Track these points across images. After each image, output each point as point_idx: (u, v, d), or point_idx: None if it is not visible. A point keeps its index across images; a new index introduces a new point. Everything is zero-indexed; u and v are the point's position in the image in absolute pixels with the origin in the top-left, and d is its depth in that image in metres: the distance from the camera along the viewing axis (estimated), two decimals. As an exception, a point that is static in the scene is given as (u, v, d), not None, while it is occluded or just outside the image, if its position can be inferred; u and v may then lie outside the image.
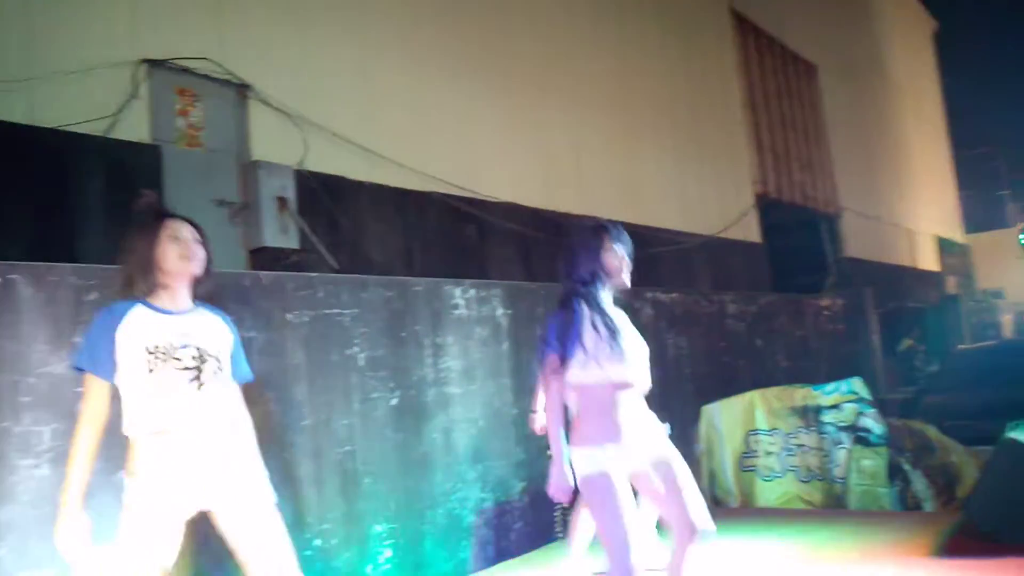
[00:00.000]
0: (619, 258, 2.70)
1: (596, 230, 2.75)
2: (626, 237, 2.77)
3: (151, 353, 2.32)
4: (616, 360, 2.55)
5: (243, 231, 5.48)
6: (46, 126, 4.47)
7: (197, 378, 2.36)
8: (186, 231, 2.44)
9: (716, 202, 11.33)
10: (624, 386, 2.56)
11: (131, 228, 2.49)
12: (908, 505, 5.02)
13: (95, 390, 2.32)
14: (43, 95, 4.50)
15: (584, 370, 2.54)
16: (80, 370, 2.34)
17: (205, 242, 2.49)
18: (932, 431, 5.56)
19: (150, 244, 2.38)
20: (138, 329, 2.34)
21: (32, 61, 4.50)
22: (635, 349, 2.64)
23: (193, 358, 2.38)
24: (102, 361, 2.31)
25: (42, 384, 2.94)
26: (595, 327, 2.56)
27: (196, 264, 2.42)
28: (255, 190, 5.42)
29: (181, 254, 2.39)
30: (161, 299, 2.41)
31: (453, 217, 6.92)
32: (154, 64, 5.04)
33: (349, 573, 3.82)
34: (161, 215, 2.48)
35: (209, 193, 5.36)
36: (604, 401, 2.54)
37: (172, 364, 2.34)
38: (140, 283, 2.39)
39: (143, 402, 2.32)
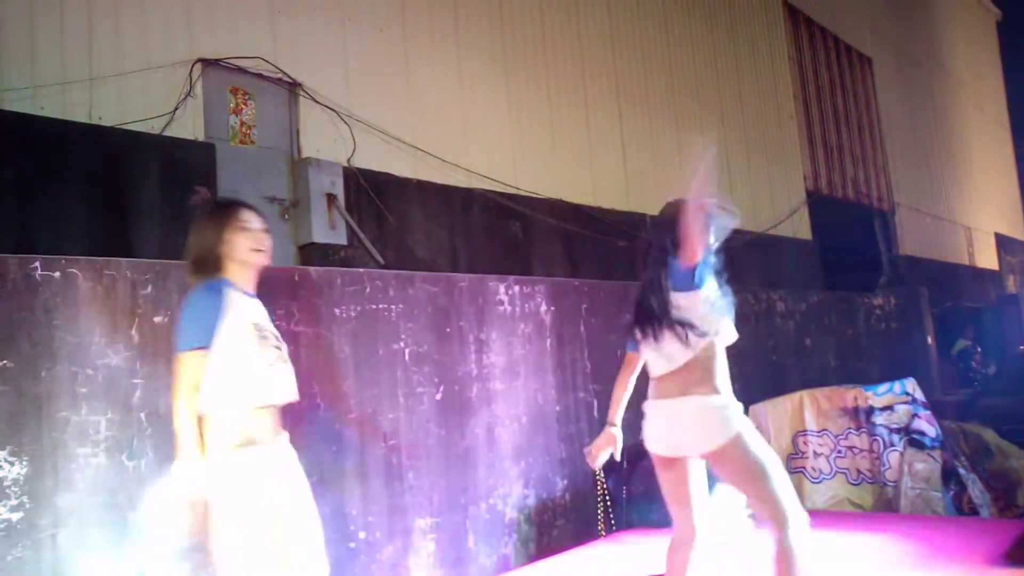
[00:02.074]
0: None
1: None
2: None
3: (258, 331, 2.41)
4: None
5: (293, 227, 5.58)
6: (106, 124, 4.61)
7: (281, 357, 2.47)
8: (257, 221, 2.51)
9: (766, 198, 11.13)
10: None
11: (203, 214, 2.54)
12: (963, 511, 4.87)
13: (202, 364, 2.34)
14: (103, 94, 4.64)
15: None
16: (195, 348, 2.36)
17: (268, 232, 2.59)
18: (989, 435, 5.38)
19: (223, 231, 2.44)
20: (239, 307, 2.41)
21: (93, 61, 4.64)
22: None
23: (276, 338, 2.50)
24: (211, 337, 2.37)
25: (99, 375, 3.04)
26: None
27: (267, 255, 2.52)
28: (305, 187, 5.51)
29: (254, 245, 2.47)
30: (238, 282, 2.48)
31: (497, 214, 6.94)
32: (209, 63, 5.16)
33: (392, 566, 3.87)
34: (234, 204, 2.55)
35: (260, 190, 5.46)
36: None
37: (270, 342, 2.44)
38: (211, 267, 2.44)
39: (251, 376, 2.37)
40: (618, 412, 2.94)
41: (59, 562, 2.86)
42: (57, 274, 3.00)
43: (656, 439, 2.76)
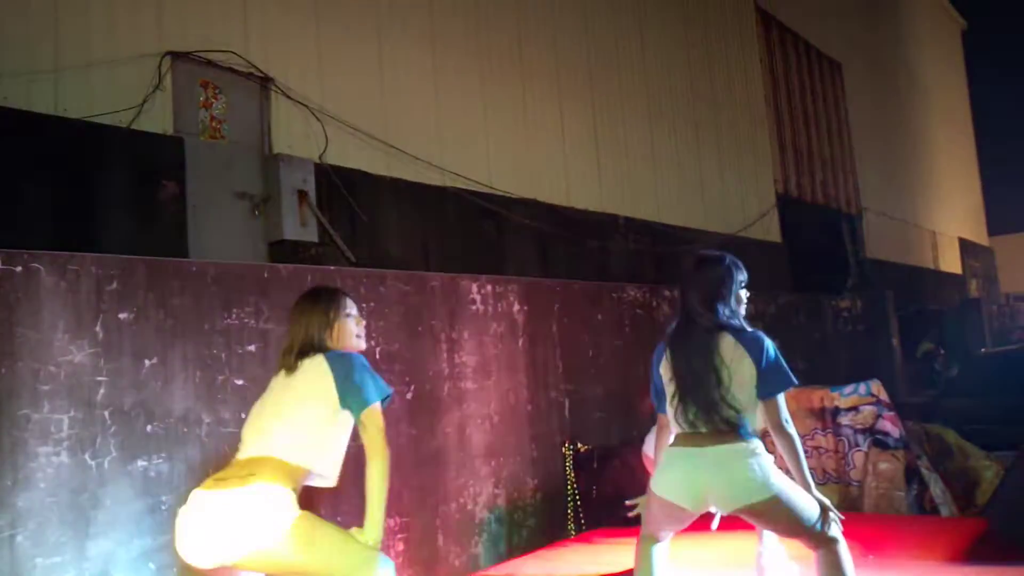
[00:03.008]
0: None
1: None
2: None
3: None
4: None
5: (263, 224, 5.51)
6: (71, 117, 4.52)
7: None
8: (356, 309, 2.68)
9: (737, 200, 11.25)
10: None
11: (309, 298, 2.67)
12: (925, 509, 4.97)
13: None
14: (69, 86, 4.55)
15: None
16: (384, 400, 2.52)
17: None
18: (951, 435, 5.49)
19: (334, 317, 2.59)
20: None
21: (59, 52, 4.55)
22: None
23: None
24: None
25: (61, 372, 2.98)
26: None
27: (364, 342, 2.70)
28: (276, 183, 5.45)
29: (359, 333, 2.65)
30: None
31: (471, 213, 6.93)
32: (178, 56, 5.08)
33: (362, 565, 3.84)
34: (339, 292, 2.70)
35: (230, 185, 5.39)
36: None
37: None
38: (314, 348, 2.52)
39: (344, 445, 2.49)
40: None
41: (17, 563, 2.80)
42: (19, 268, 2.93)
43: (675, 487, 2.56)
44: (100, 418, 3.05)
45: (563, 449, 5.13)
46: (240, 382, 3.48)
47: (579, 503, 5.01)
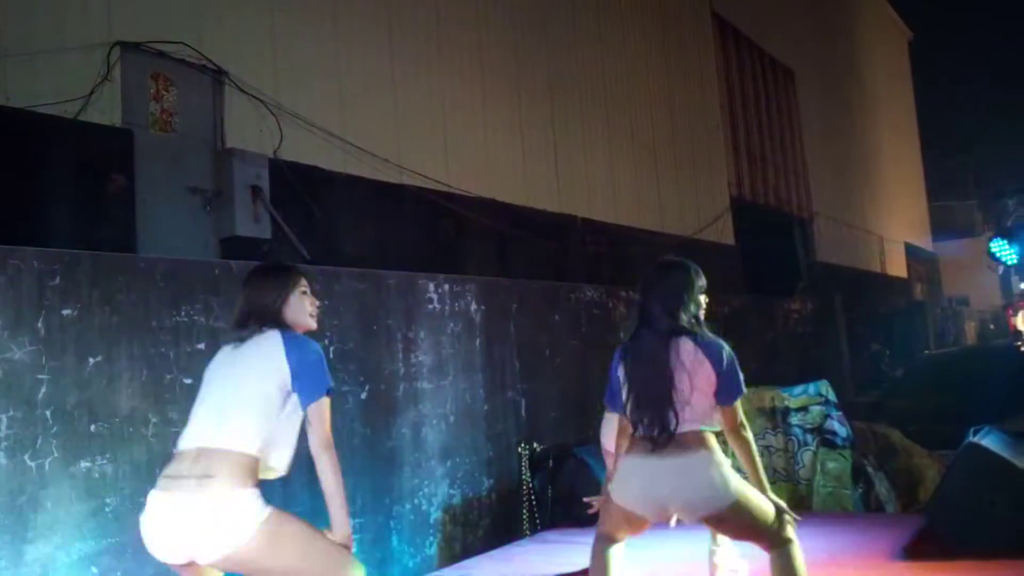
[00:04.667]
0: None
1: None
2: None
3: None
4: None
5: (215, 219, 5.40)
6: (15, 106, 4.36)
7: None
8: (310, 288, 2.54)
9: (692, 203, 11.41)
10: None
11: (261, 271, 2.54)
12: (871, 507, 5.10)
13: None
14: (12, 75, 4.39)
15: None
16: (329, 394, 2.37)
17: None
18: (896, 435, 5.64)
19: (288, 292, 2.45)
20: None
21: (3, 39, 4.38)
22: None
23: None
24: None
25: (0, 370, 2.87)
26: None
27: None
28: (228, 178, 5.34)
29: (312, 312, 2.51)
30: None
31: (428, 211, 6.89)
32: (128, 47, 4.94)
33: (314, 567, 3.79)
34: (294, 268, 2.57)
35: (181, 180, 5.27)
36: None
37: None
38: (267, 320, 2.40)
39: (296, 430, 2.36)
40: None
41: (-48, 569, 2.70)
42: (-45, 262, 2.82)
43: (636, 498, 2.54)
44: (41, 418, 2.95)
45: (519, 449, 5.14)
46: (189, 381, 3.40)
47: (534, 503, 5.02)
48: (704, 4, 12.61)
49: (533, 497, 5.03)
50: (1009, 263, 13.55)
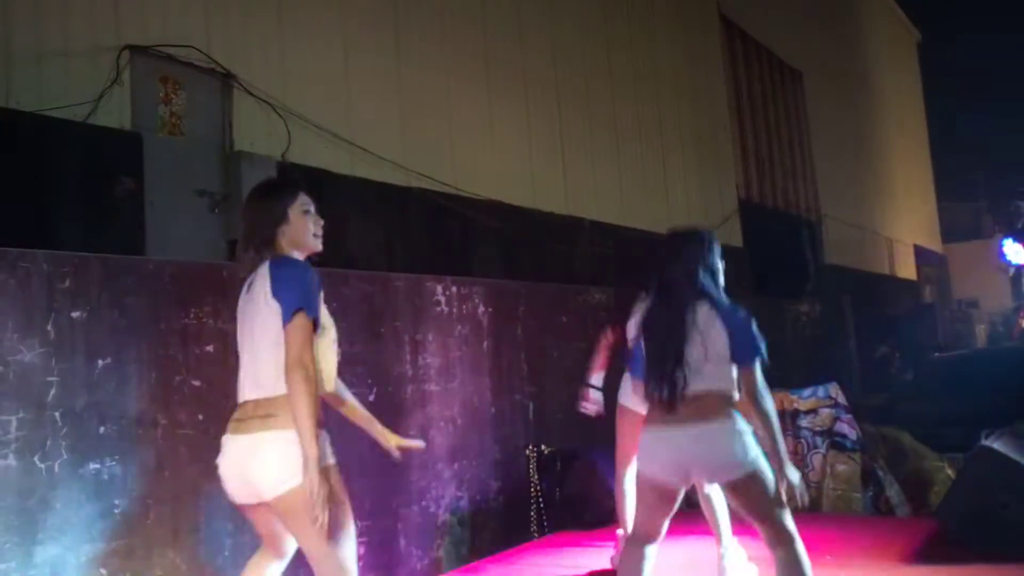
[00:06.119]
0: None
1: None
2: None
3: (330, 317, 2.38)
4: None
5: (224, 222, 5.42)
6: (25, 110, 4.39)
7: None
8: (314, 207, 2.42)
9: (700, 205, 11.38)
10: None
11: (260, 190, 2.41)
12: (881, 510, 5.07)
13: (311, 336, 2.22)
14: (23, 79, 4.42)
15: None
16: (311, 317, 2.22)
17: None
18: (906, 437, 5.61)
19: (287, 211, 2.33)
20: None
21: (12, 44, 4.41)
22: None
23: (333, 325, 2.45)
24: (318, 313, 2.28)
25: (10, 372, 2.88)
26: None
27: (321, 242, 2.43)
28: (237, 181, 5.36)
29: (316, 230, 2.40)
30: None
31: (436, 213, 6.89)
32: (137, 50, 4.97)
33: (322, 569, 3.78)
34: (295, 184, 2.44)
35: (190, 183, 5.29)
36: None
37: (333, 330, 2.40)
38: (263, 246, 2.31)
39: (328, 363, 2.32)
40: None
41: (-38, 570, 2.71)
42: (-34, 265, 2.84)
43: (663, 464, 2.58)
44: (50, 419, 2.96)
45: (527, 451, 5.12)
46: (197, 383, 3.41)
47: (542, 506, 5.01)
48: (712, 6, 12.59)
49: (541, 500, 5.02)
50: (1019, 265, 13.47)
